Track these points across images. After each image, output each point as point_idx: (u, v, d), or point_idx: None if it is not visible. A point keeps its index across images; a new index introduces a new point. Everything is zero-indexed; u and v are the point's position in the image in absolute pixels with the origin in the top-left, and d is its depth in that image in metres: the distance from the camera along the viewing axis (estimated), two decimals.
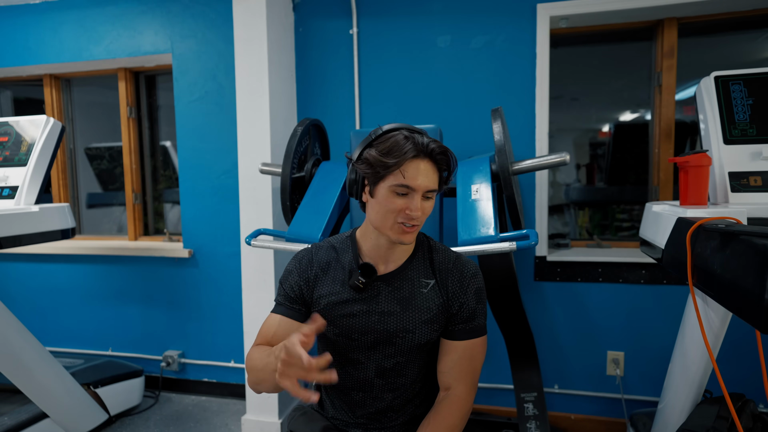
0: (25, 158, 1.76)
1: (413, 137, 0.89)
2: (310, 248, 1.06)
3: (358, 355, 1.00)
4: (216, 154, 2.29)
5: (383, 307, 0.98)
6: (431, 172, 0.90)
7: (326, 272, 1.01)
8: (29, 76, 2.66)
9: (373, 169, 0.90)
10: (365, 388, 1.02)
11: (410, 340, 0.97)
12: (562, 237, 2.16)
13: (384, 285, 0.99)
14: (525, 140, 1.96)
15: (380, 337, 0.98)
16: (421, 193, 0.90)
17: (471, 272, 1.01)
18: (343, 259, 1.01)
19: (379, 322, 0.97)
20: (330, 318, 0.98)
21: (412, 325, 0.97)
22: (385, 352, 0.99)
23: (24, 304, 2.62)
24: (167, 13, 2.29)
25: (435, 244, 1.05)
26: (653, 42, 2.01)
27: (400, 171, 0.88)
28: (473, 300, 1.00)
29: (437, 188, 0.93)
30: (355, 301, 0.98)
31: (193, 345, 2.44)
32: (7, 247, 1.56)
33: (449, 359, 0.99)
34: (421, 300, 0.98)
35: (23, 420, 1.80)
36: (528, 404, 1.64)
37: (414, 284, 0.99)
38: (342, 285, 0.99)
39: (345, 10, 2.12)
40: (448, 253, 1.04)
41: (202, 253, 2.36)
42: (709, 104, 1.33)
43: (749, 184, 1.24)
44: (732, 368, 1.74)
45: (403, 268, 1.00)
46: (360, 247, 1.02)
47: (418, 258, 1.02)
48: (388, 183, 0.89)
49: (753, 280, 0.74)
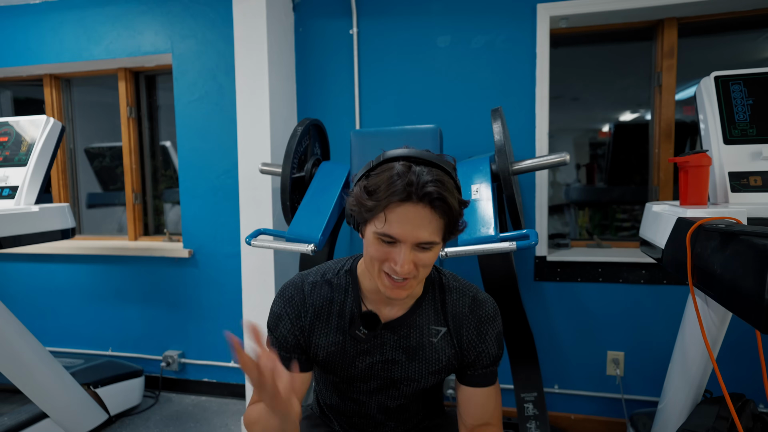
0: (25, 158, 1.76)
1: (409, 174, 0.71)
2: (300, 285, 0.89)
3: (359, 396, 0.94)
4: (216, 154, 2.29)
5: (387, 356, 0.88)
6: (425, 220, 0.72)
7: (322, 318, 0.88)
8: (29, 76, 2.66)
9: (357, 207, 0.76)
10: (366, 417, 0.97)
11: (415, 387, 0.90)
12: (562, 237, 2.16)
13: (389, 333, 0.88)
14: (525, 140, 1.96)
15: (384, 383, 0.90)
16: (410, 245, 0.73)
17: (489, 315, 0.88)
18: (341, 300, 0.88)
19: (382, 369, 0.89)
20: (330, 368, 0.90)
21: (417, 374, 0.89)
22: (388, 394, 0.92)
23: (24, 304, 2.62)
24: (167, 13, 2.29)
25: (448, 281, 0.91)
26: (653, 42, 2.01)
27: (384, 215, 0.72)
28: (494, 347, 0.89)
29: (435, 240, 0.74)
30: (357, 351, 0.88)
31: (193, 345, 2.44)
32: (7, 247, 1.56)
33: (480, 405, 0.89)
34: (430, 351, 0.88)
35: (23, 420, 1.80)
36: (528, 404, 1.63)
37: (422, 332, 0.88)
38: (342, 333, 0.87)
39: (345, 10, 2.12)
40: (463, 292, 0.90)
41: (202, 253, 2.36)
42: (709, 104, 1.33)
43: (749, 184, 1.24)
44: (732, 368, 1.74)
45: (410, 313, 0.88)
46: (361, 287, 0.88)
47: (428, 301, 0.89)
48: (372, 227, 0.75)
49: (753, 280, 0.74)
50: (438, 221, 0.74)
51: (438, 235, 0.75)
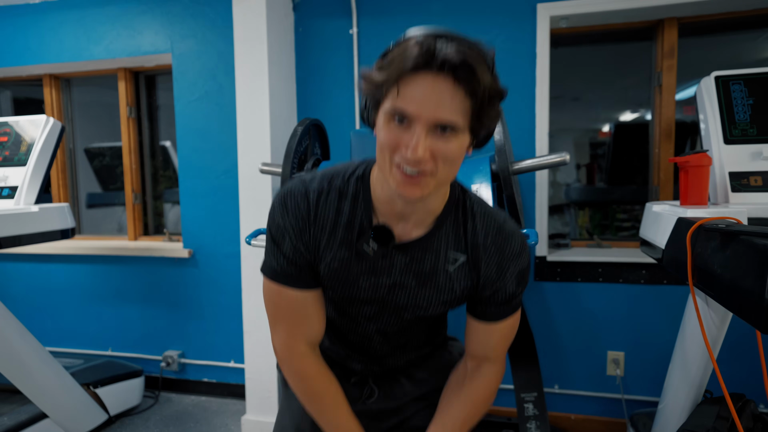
0: (24, 158, 1.76)
1: (428, 42, 0.59)
2: (305, 192, 0.76)
3: (357, 316, 0.84)
4: (216, 154, 2.28)
5: (396, 279, 0.77)
6: (446, 95, 0.59)
7: (327, 230, 0.76)
8: (29, 76, 2.65)
9: (369, 86, 0.66)
10: (363, 337, 0.87)
11: (420, 314, 0.81)
12: (562, 237, 2.16)
13: (400, 254, 0.76)
14: (525, 140, 1.96)
15: (386, 308, 0.81)
16: (425, 125, 0.61)
17: (514, 251, 0.77)
18: (349, 211, 0.76)
19: (388, 294, 0.79)
20: (329, 285, 0.79)
21: (426, 302, 0.79)
22: (389, 320, 0.83)
23: (24, 304, 2.62)
24: (167, 13, 2.29)
25: (473, 204, 0.79)
26: (653, 42, 2.01)
27: (397, 88, 0.61)
28: (512, 284, 0.78)
29: (457, 121, 0.61)
30: (362, 270, 0.77)
31: (193, 345, 2.44)
32: (6, 247, 1.56)
33: (482, 340, 0.84)
34: (444, 279, 0.77)
35: (23, 420, 1.80)
36: (528, 404, 1.63)
37: (438, 258, 0.77)
38: (347, 248, 0.76)
39: (345, 10, 2.11)
40: (489, 220, 0.77)
41: (202, 253, 2.36)
42: (710, 104, 1.33)
43: (750, 184, 1.24)
44: (732, 368, 1.73)
45: (428, 236, 0.76)
46: (373, 195, 0.76)
47: (449, 223, 0.77)
48: (385, 107, 0.64)
49: (753, 280, 0.74)
50: (463, 99, 0.60)
51: (462, 117, 0.61)
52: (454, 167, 0.66)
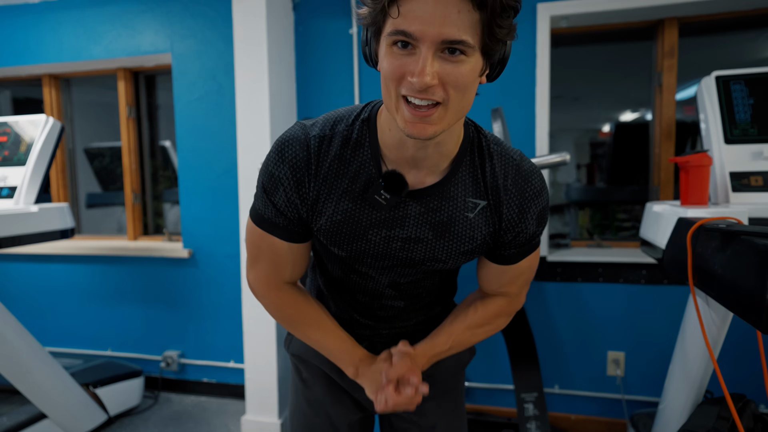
0: (24, 158, 1.76)
1: None
2: (305, 140, 0.69)
3: (368, 270, 0.78)
4: (215, 154, 2.28)
5: (410, 232, 0.71)
6: (452, 8, 0.52)
7: (329, 181, 0.70)
8: (28, 76, 2.65)
9: (368, 11, 0.59)
10: (373, 295, 0.82)
11: (438, 267, 0.76)
12: (562, 237, 2.16)
13: (414, 204, 0.70)
14: (525, 140, 1.96)
15: (400, 262, 0.75)
16: (431, 45, 0.54)
17: (534, 190, 0.72)
18: (356, 158, 0.69)
19: (402, 249, 0.73)
20: (334, 241, 0.73)
21: (445, 255, 0.73)
22: (403, 272, 0.77)
23: (23, 304, 2.62)
24: (167, 12, 2.29)
25: (488, 143, 0.72)
26: (654, 42, 2.01)
27: (397, 6, 0.54)
28: (533, 225, 0.74)
29: (466, 39, 0.54)
30: (371, 223, 0.70)
31: (193, 345, 2.44)
32: (6, 247, 1.56)
33: (499, 279, 0.81)
34: (464, 227, 0.71)
35: (22, 420, 1.80)
36: (528, 404, 1.63)
37: (457, 205, 0.70)
38: (353, 200, 0.70)
39: (345, 10, 2.11)
40: (506, 159, 0.72)
41: (201, 253, 2.36)
42: (710, 104, 1.33)
43: (750, 184, 1.24)
44: (733, 368, 1.73)
45: (444, 182, 0.70)
46: (381, 140, 0.69)
47: (465, 167, 0.71)
48: (386, 32, 0.57)
49: (754, 280, 0.74)
50: (471, 12, 0.53)
51: (471, 33, 0.54)
52: (467, 96, 0.60)
